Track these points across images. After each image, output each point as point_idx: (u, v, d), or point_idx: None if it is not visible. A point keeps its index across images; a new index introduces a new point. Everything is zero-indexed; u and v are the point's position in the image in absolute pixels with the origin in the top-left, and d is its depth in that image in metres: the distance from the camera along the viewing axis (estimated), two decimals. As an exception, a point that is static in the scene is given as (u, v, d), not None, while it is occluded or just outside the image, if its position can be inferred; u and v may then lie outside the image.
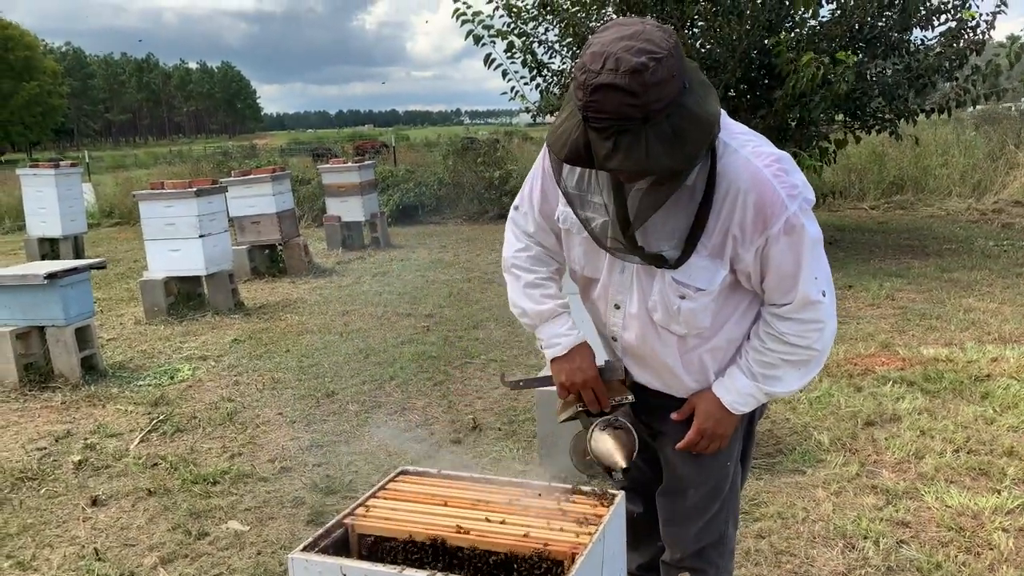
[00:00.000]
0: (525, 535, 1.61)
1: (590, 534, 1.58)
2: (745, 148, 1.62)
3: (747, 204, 1.60)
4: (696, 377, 1.85)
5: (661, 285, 1.72)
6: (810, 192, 1.67)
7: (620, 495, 1.73)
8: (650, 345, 1.82)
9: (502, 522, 1.66)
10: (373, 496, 1.82)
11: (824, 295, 1.72)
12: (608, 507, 1.69)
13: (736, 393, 1.82)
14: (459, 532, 1.64)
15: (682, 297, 1.71)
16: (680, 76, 1.42)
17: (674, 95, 1.41)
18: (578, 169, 1.70)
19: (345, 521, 1.72)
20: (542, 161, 1.86)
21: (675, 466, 1.98)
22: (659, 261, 1.68)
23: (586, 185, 1.71)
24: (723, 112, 1.63)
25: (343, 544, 1.70)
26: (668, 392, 1.90)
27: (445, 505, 1.75)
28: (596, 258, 1.80)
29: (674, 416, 1.89)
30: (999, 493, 3.42)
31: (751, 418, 1.99)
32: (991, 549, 3.04)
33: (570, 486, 1.79)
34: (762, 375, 1.79)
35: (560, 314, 1.89)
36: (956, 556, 3.00)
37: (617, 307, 1.82)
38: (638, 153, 1.41)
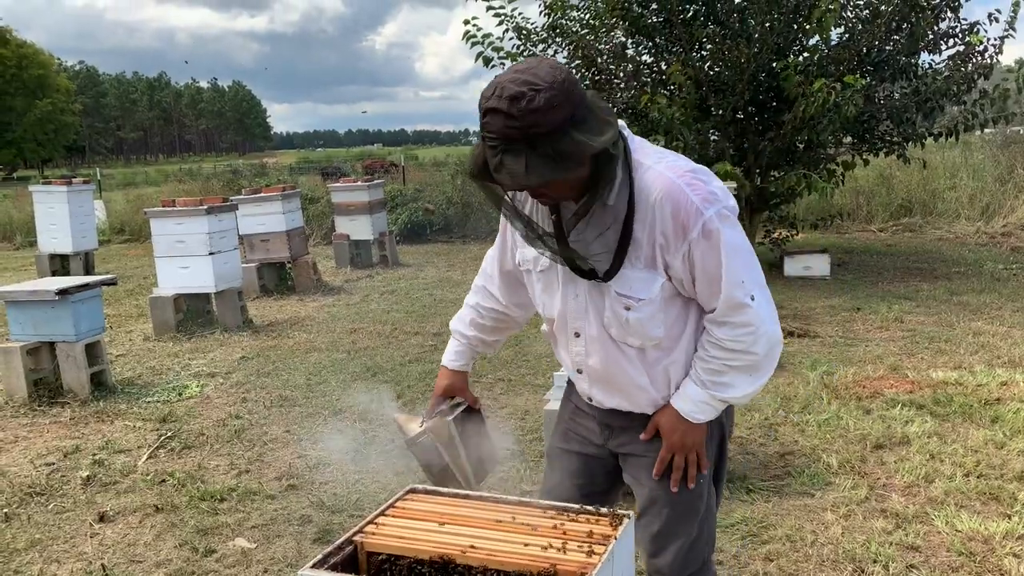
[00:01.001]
0: (534, 555, 1.61)
1: (599, 555, 1.58)
2: (659, 164, 1.77)
3: (665, 213, 1.73)
4: (663, 391, 1.93)
5: (609, 301, 1.84)
6: (730, 200, 1.79)
7: (629, 515, 1.73)
8: (615, 363, 1.91)
9: (510, 542, 1.66)
10: (382, 514, 1.82)
11: (753, 299, 1.79)
12: (617, 528, 1.69)
13: (691, 402, 1.88)
14: (468, 551, 1.64)
15: (627, 308, 1.82)
16: (566, 107, 1.59)
17: (558, 123, 1.58)
18: (528, 206, 1.90)
19: (354, 538, 1.72)
20: (502, 217, 2.02)
21: (647, 487, 2.00)
22: (592, 274, 1.82)
23: (534, 216, 1.90)
24: (640, 138, 1.84)
25: (352, 562, 1.70)
26: (639, 411, 1.96)
27: (454, 524, 1.75)
28: (553, 292, 1.94)
29: (642, 436, 1.96)
30: (1010, 518, 3.40)
31: (721, 438, 2.04)
32: (1002, 575, 3.01)
33: (578, 506, 1.79)
34: (711, 382, 1.86)
35: (455, 339, 2.21)
36: (966, 581, 2.98)
37: (577, 335, 1.93)
38: (518, 168, 1.60)
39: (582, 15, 9.80)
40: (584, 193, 1.74)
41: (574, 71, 9.82)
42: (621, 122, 1.78)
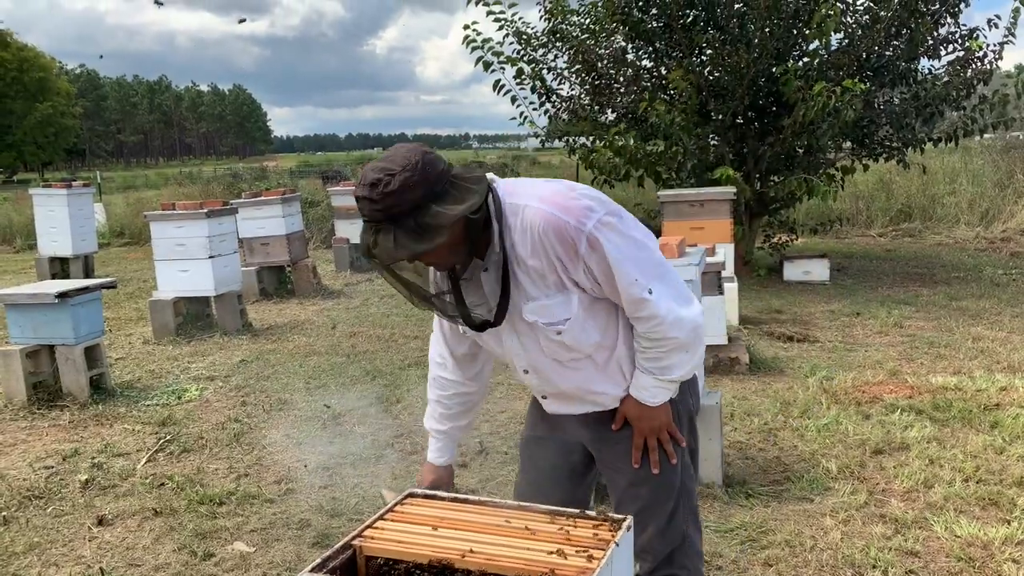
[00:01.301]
0: (532, 560, 1.61)
1: (598, 560, 1.58)
2: (532, 200, 1.89)
3: (553, 241, 1.86)
4: (621, 384, 2.06)
5: (540, 333, 1.97)
6: (609, 205, 1.91)
7: (628, 520, 1.73)
8: (572, 380, 2.04)
9: (509, 546, 1.66)
10: (381, 518, 1.82)
11: (651, 292, 1.91)
12: (615, 533, 1.69)
13: (645, 389, 2.03)
14: (466, 556, 1.64)
15: (558, 332, 1.95)
16: (422, 185, 1.74)
17: (416, 200, 1.73)
18: (438, 280, 2.03)
19: (353, 543, 1.72)
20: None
21: (623, 471, 2.11)
22: (485, 325, 1.96)
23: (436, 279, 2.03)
24: (512, 181, 1.98)
25: (351, 566, 1.70)
26: (604, 408, 2.09)
27: (452, 528, 1.75)
28: (500, 341, 2.05)
29: (613, 427, 2.10)
30: (1009, 524, 3.40)
31: (689, 416, 2.20)
32: (1001, 580, 3.01)
33: (577, 511, 1.79)
34: (655, 368, 2.00)
35: (433, 437, 2.28)
36: (966, 587, 2.98)
37: (526, 371, 2.08)
38: (388, 245, 1.75)
39: (582, 20, 9.83)
40: (469, 253, 1.90)
41: (574, 76, 9.88)
42: (491, 175, 1.93)
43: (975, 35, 9.19)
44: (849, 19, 8.99)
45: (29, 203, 12.77)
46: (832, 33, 8.34)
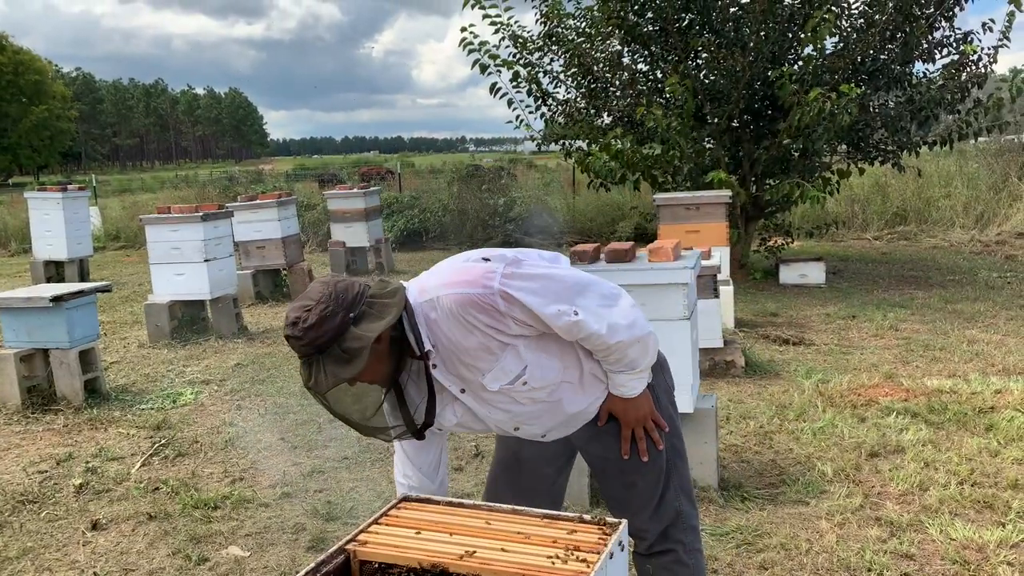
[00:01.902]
0: (527, 563, 1.61)
1: (593, 563, 1.58)
2: (441, 290, 1.97)
3: (475, 316, 1.94)
4: (600, 391, 2.16)
5: (509, 395, 2.05)
6: (505, 255, 2.00)
7: (623, 523, 1.73)
8: (561, 412, 2.13)
9: (504, 550, 1.66)
10: (375, 523, 1.81)
11: (576, 313, 1.98)
12: (611, 536, 1.68)
13: (624, 386, 2.13)
14: (461, 560, 1.64)
15: (524, 383, 2.03)
16: (340, 313, 1.84)
17: (335, 329, 1.83)
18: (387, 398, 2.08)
19: (347, 547, 1.72)
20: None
21: (612, 459, 2.20)
22: (424, 427, 2.04)
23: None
24: (418, 279, 2.07)
25: (344, 570, 1.70)
26: (593, 416, 2.19)
27: (447, 533, 1.75)
28: (478, 421, 2.13)
29: (598, 424, 2.19)
30: (1004, 526, 3.40)
31: (667, 389, 2.29)
32: (996, 583, 3.01)
33: (573, 515, 1.79)
34: (623, 367, 2.10)
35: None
36: (961, 590, 2.98)
37: (517, 428, 2.16)
38: (319, 374, 1.84)
39: (578, 23, 9.84)
40: (397, 368, 1.99)
41: (570, 79, 9.89)
42: (405, 283, 2.02)
43: (969, 39, 9.22)
44: (844, 23, 9.01)
45: (24, 206, 12.75)
46: (827, 37, 8.36)
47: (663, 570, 2.27)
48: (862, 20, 8.90)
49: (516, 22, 9.76)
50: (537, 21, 9.82)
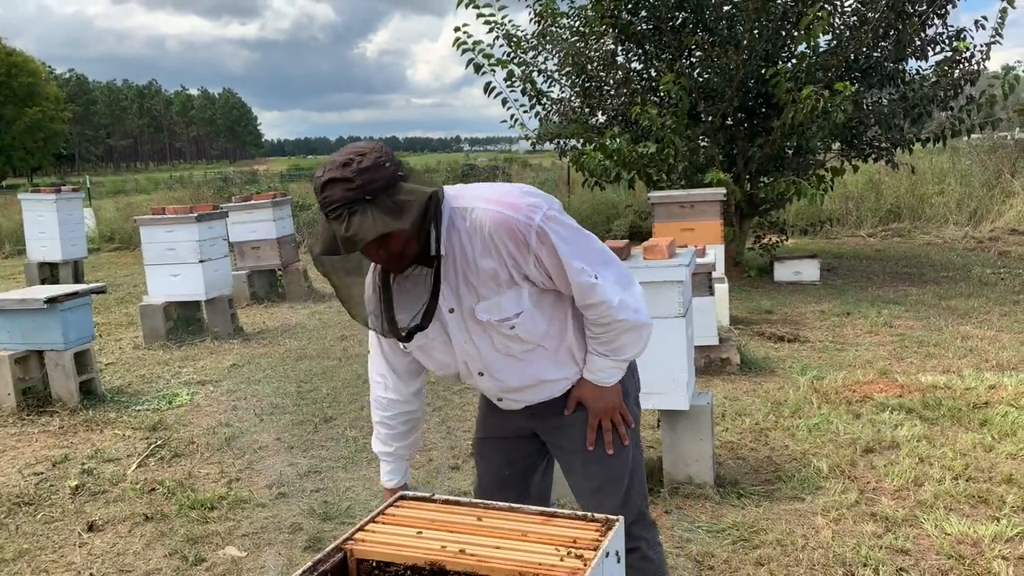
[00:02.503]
0: (524, 561, 1.61)
1: (589, 560, 1.59)
2: (481, 203, 1.94)
3: (504, 239, 1.92)
4: (573, 369, 2.14)
5: (489, 333, 2.02)
6: (552, 202, 1.99)
7: (620, 520, 1.73)
8: (526, 373, 2.09)
9: (500, 547, 1.66)
10: (372, 521, 1.81)
11: (596, 277, 1.99)
12: (607, 533, 1.69)
13: (599, 372, 2.12)
14: (458, 558, 1.64)
15: (512, 328, 2.01)
16: (392, 166, 1.80)
17: (389, 177, 1.78)
18: (375, 292, 2.01)
19: (344, 546, 1.72)
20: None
21: (577, 452, 2.18)
22: (414, 331, 1.98)
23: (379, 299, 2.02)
24: (455, 186, 2.03)
25: (341, 569, 1.70)
26: (559, 395, 2.16)
27: (444, 530, 1.75)
28: (450, 350, 2.09)
29: (565, 412, 2.17)
30: (998, 521, 3.41)
31: (635, 396, 2.27)
32: (991, 577, 3.03)
33: (569, 512, 1.79)
34: (608, 350, 2.10)
35: (383, 460, 2.29)
36: (956, 584, 2.99)
37: (481, 374, 2.11)
38: (367, 223, 1.75)
39: (572, 22, 9.84)
40: (415, 253, 1.90)
41: (565, 78, 9.90)
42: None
43: (962, 36, 9.24)
44: (837, 20, 9.03)
45: (18, 208, 12.71)
46: (820, 35, 8.38)
47: (629, 568, 2.23)
48: (855, 18, 8.92)
49: (510, 21, 9.78)
50: (531, 20, 9.83)
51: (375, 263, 1.94)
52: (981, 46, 9.07)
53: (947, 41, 9.32)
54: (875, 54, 9.20)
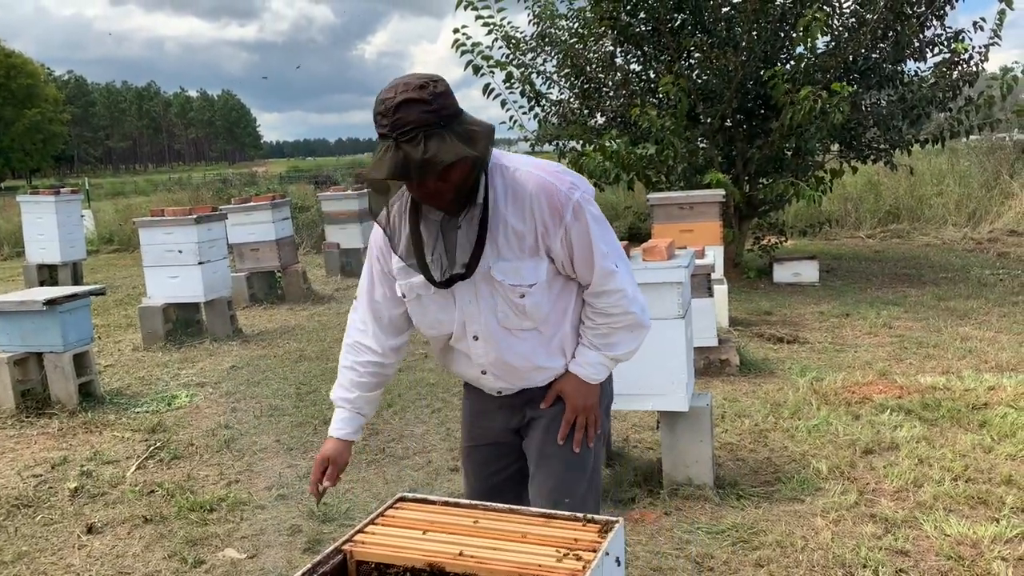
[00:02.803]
0: (523, 563, 1.61)
1: (588, 562, 1.59)
2: (525, 166, 1.99)
3: (541, 205, 1.95)
4: (560, 362, 2.13)
5: (502, 295, 2.01)
6: (590, 187, 2.05)
7: (619, 522, 1.73)
8: (515, 351, 2.08)
9: (500, 549, 1.66)
10: (371, 523, 1.81)
11: (616, 266, 2.05)
12: (606, 535, 1.69)
13: (589, 366, 2.12)
14: (457, 559, 1.64)
15: (522, 296, 2.00)
16: (454, 98, 1.82)
17: (457, 108, 1.82)
18: (404, 237, 2.01)
19: (343, 548, 1.72)
20: (371, 252, 2.19)
21: (545, 446, 2.16)
22: (454, 279, 1.98)
23: (410, 247, 2.02)
24: (498, 150, 2.02)
25: (341, 571, 1.70)
26: (542, 384, 2.14)
27: (443, 532, 1.75)
28: (449, 307, 2.07)
29: (543, 406, 2.15)
30: (998, 522, 3.42)
31: (607, 404, 2.26)
32: (990, 578, 3.03)
33: (569, 513, 1.79)
34: (602, 344, 2.10)
35: (339, 407, 2.27)
36: (955, 586, 2.99)
37: (476, 337, 2.08)
38: (447, 147, 1.75)
39: (571, 24, 9.85)
40: (469, 189, 1.91)
41: (563, 80, 9.91)
42: None
43: (960, 37, 9.25)
44: (836, 22, 9.04)
45: (17, 210, 12.71)
46: (819, 36, 8.39)
47: None
48: (853, 19, 8.93)
49: (509, 23, 9.79)
50: (530, 22, 9.84)
51: (422, 199, 1.92)
52: (979, 47, 9.08)
53: (945, 42, 9.33)
54: (873, 55, 9.21)
